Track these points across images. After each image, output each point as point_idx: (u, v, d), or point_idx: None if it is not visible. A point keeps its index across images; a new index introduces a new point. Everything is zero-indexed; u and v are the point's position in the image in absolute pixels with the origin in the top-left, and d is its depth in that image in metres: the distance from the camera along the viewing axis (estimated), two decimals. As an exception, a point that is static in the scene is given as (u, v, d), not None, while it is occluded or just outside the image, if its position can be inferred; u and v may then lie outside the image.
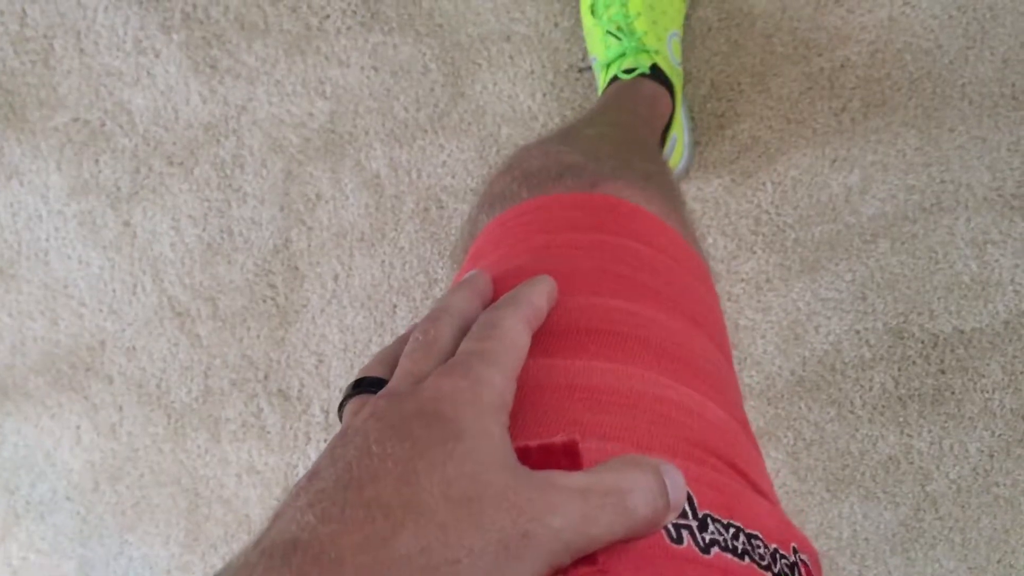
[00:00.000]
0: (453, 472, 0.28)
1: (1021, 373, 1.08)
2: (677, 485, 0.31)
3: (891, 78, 1.03)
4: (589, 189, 0.51)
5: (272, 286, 1.20)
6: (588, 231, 0.48)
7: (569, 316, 0.41)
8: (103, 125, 1.17)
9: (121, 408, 1.26)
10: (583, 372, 0.37)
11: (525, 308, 0.37)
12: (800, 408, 1.14)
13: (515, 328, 0.35)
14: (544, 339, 0.39)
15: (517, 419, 0.34)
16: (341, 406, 0.37)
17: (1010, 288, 1.06)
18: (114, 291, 1.22)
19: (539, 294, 0.38)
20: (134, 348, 1.24)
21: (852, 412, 1.13)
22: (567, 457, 0.31)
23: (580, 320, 0.40)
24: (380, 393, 0.33)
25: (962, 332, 1.09)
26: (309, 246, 1.18)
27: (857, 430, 1.13)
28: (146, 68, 1.15)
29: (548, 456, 0.31)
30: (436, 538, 0.26)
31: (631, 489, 0.29)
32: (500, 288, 0.44)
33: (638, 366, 0.39)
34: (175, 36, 1.14)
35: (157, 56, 1.15)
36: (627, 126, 0.86)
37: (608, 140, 0.74)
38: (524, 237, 0.49)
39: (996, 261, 1.06)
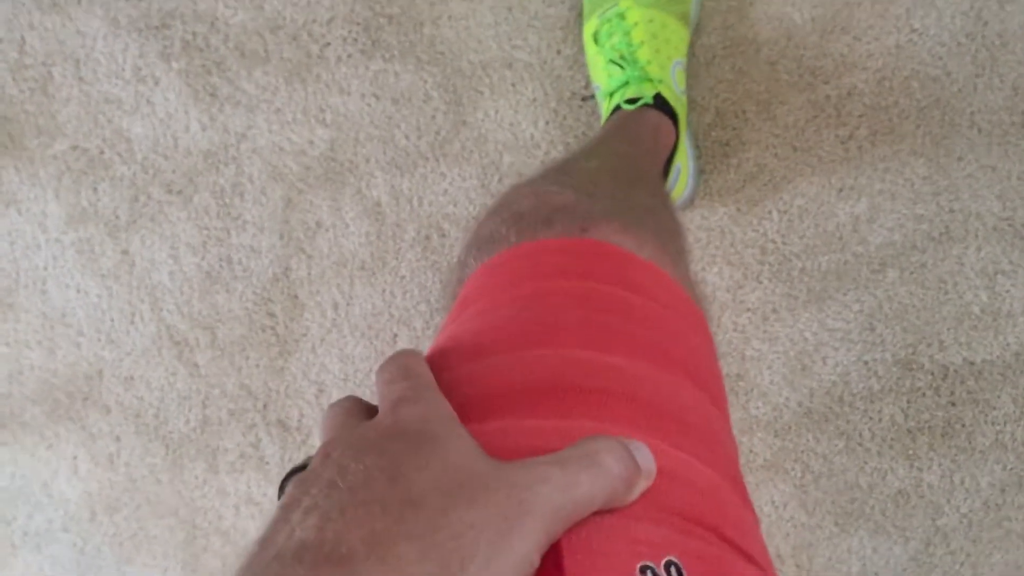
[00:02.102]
0: (438, 467, 0.29)
1: (1033, 405, 1.06)
2: (644, 454, 0.33)
3: (899, 106, 1.02)
4: (579, 234, 0.50)
5: (271, 315, 1.19)
6: (577, 278, 0.46)
7: (553, 372, 0.40)
8: (102, 153, 1.16)
9: (119, 438, 1.25)
10: (559, 433, 0.35)
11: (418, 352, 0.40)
12: (808, 440, 1.12)
13: (425, 367, 0.38)
14: (526, 397, 0.38)
15: None
16: (281, 487, 0.35)
17: (1021, 319, 1.04)
18: (112, 320, 1.21)
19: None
20: (132, 377, 1.23)
21: (861, 444, 1.10)
22: None
23: (564, 376, 0.39)
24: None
25: (972, 364, 1.07)
26: (309, 275, 1.17)
27: (866, 463, 1.11)
28: (145, 96, 1.14)
29: None
30: (438, 521, 0.27)
31: (599, 450, 0.31)
32: (482, 340, 0.43)
33: (624, 427, 0.37)
34: (175, 64, 1.13)
35: (156, 84, 1.14)
36: (629, 157, 0.84)
37: (608, 173, 0.72)
38: (510, 285, 0.47)
39: (1007, 291, 1.04)
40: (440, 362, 0.42)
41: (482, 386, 0.39)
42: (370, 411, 0.37)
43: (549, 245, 0.49)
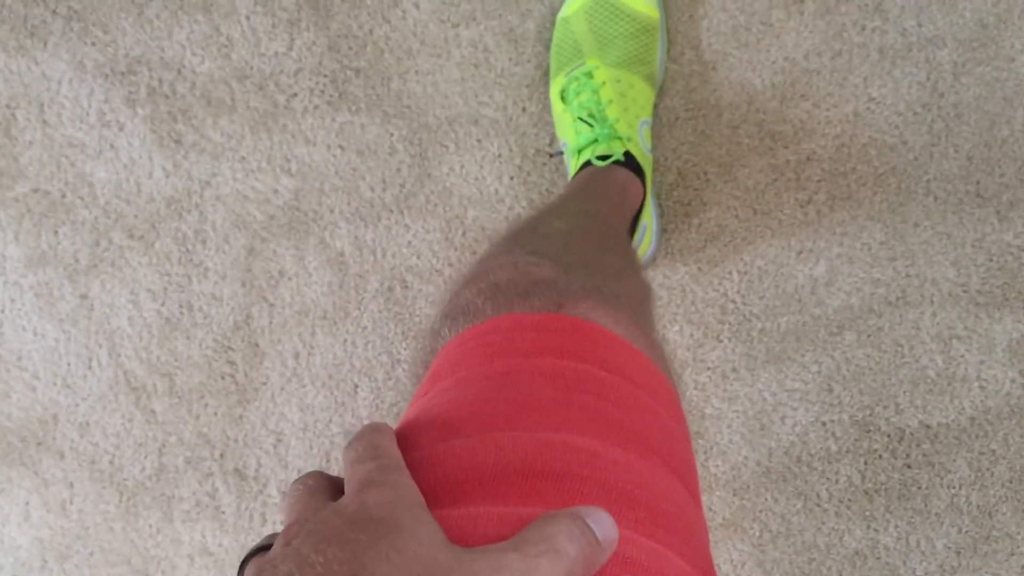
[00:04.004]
0: (400, 560, 0.29)
1: (987, 470, 1.07)
2: (602, 523, 0.33)
3: (856, 172, 1.03)
4: (555, 309, 0.49)
5: (231, 363, 1.18)
6: (552, 356, 0.46)
7: (524, 456, 0.39)
8: (63, 197, 1.15)
9: (72, 484, 1.23)
10: (527, 521, 0.35)
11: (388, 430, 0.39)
12: (766, 500, 1.12)
13: (394, 446, 0.37)
14: (498, 482, 0.38)
15: None
16: (241, 568, 0.35)
17: (976, 384, 1.06)
18: (69, 364, 1.19)
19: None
20: (87, 423, 1.21)
21: (818, 505, 1.11)
22: None
23: (536, 462, 0.39)
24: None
25: (928, 427, 1.07)
26: (270, 323, 1.16)
27: (823, 523, 1.11)
28: (109, 141, 1.14)
29: None
30: None
31: (556, 533, 0.31)
32: (453, 417, 0.42)
33: None
34: (140, 110, 1.13)
35: (121, 129, 1.13)
36: (599, 215, 0.85)
37: (580, 234, 0.72)
38: (484, 360, 0.47)
39: (962, 356, 1.05)
40: (411, 438, 0.42)
41: (452, 467, 0.38)
42: (334, 488, 0.37)
43: (525, 320, 0.49)
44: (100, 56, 1.12)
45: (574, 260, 0.59)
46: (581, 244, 0.68)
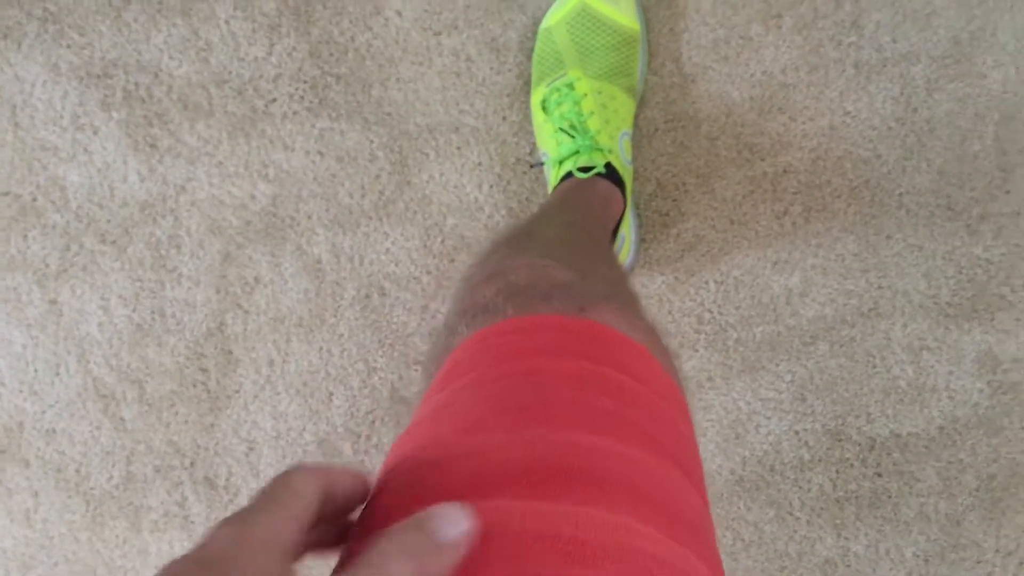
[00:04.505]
0: None
1: (955, 478, 1.09)
2: (447, 521, 0.33)
3: (831, 185, 1.05)
4: (577, 313, 0.50)
5: (204, 370, 1.16)
6: (573, 358, 0.46)
7: (552, 454, 0.39)
8: (34, 200, 1.13)
9: (37, 493, 1.20)
10: (567, 519, 0.35)
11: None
12: (739, 508, 1.13)
13: (296, 485, 0.36)
14: (526, 477, 0.37)
15: (496, 568, 0.33)
16: None
17: (945, 394, 1.08)
18: (36, 371, 1.17)
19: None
20: (54, 431, 1.19)
21: (791, 514, 1.12)
22: None
23: (564, 459, 0.39)
24: None
25: (899, 436, 1.09)
26: (245, 330, 1.15)
27: (795, 532, 1.13)
28: (83, 144, 1.12)
29: None
30: None
31: (388, 554, 0.31)
32: (478, 414, 0.42)
33: (623, 515, 0.37)
34: (115, 114, 1.11)
35: (95, 133, 1.12)
36: (585, 227, 0.86)
37: (572, 244, 0.73)
38: (505, 359, 0.47)
39: (931, 367, 1.08)
40: (433, 434, 0.42)
41: (480, 462, 0.38)
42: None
43: (546, 321, 0.49)
44: (75, 58, 1.11)
45: (578, 268, 0.60)
46: (576, 253, 0.69)
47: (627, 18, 1.01)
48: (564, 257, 0.65)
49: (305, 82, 1.09)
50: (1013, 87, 1.02)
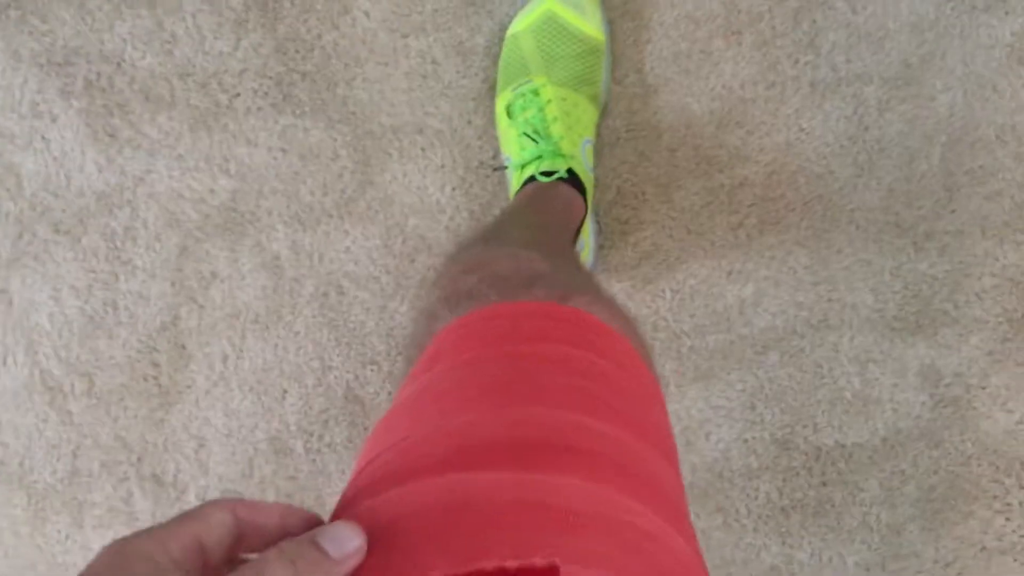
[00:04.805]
0: None
1: (897, 489, 1.12)
2: (340, 538, 0.33)
3: (785, 198, 1.08)
4: (560, 301, 0.51)
5: (155, 364, 1.15)
6: (557, 343, 0.47)
7: (545, 430, 0.40)
8: (-13, 186, 1.11)
9: (-24, 487, 1.18)
10: (559, 491, 0.36)
11: None
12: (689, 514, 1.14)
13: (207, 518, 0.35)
14: (520, 452, 0.38)
15: (488, 537, 0.33)
16: None
17: (889, 406, 1.11)
18: (-19, 361, 1.15)
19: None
20: (-2, 423, 1.16)
21: (738, 521, 1.14)
22: None
23: (552, 435, 0.40)
24: None
25: (843, 446, 1.12)
26: (199, 325, 1.14)
27: (742, 539, 1.14)
28: (40, 132, 1.11)
29: None
30: None
31: (263, 569, 0.31)
32: (464, 393, 0.43)
33: (611, 489, 0.38)
34: (75, 103, 1.10)
35: (54, 121, 1.11)
36: (548, 229, 0.87)
37: (539, 244, 0.74)
38: (490, 342, 0.48)
39: (877, 379, 1.11)
40: (419, 413, 0.42)
41: (467, 436, 0.39)
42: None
43: (530, 308, 0.50)
44: (36, 45, 1.10)
45: (553, 264, 0.61)
46: (547, 253, 0.70)
47: (593, 28, 1.03)
48: (542, 253, 0.66)
49: (270, 78, 1.10)
50: (960, 111, 1.06)
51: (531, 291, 0.52)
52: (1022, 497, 1.11)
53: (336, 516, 0.38)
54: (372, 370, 1.14)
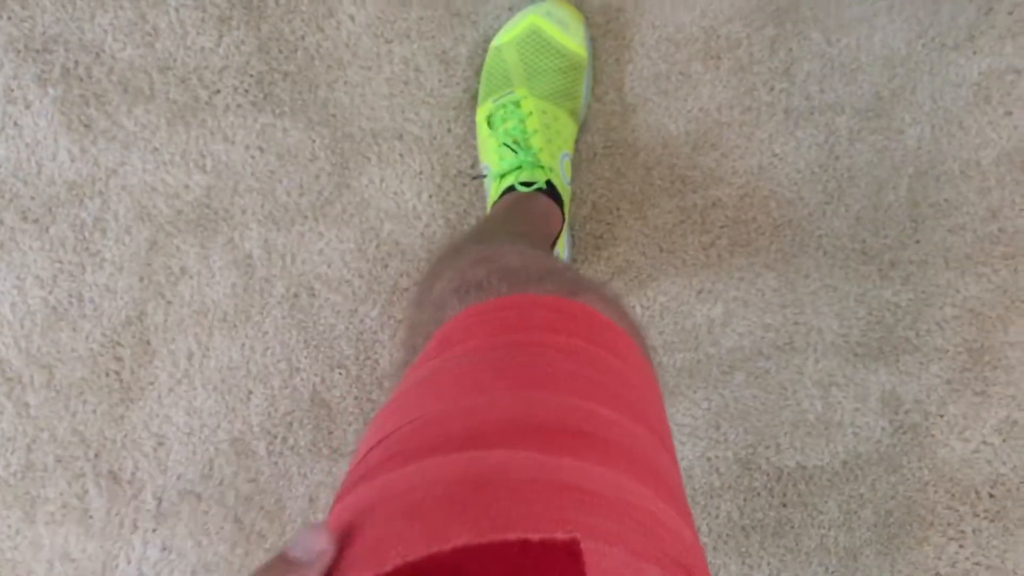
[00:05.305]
0: None
1: (855, 513, 1.14)
2: (306, 544, 0.33)
3: (756, 221, 1.10)
4: (569, 296, 0.52)
5: (118, 359, 1.13)
6: (566, 335, 0.48)
7: (558, 414, 0.40)
8: (-44, 170, 1.09)
9: (-76, 478, 1.14)
10: (575, 472, 0.36)
11: None
12: (648, 531, 1.15)
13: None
14: (535, 433, 0.39)
15: (509, 510, 0.33)
16: None
17: (850, 430, 1.13)
18: (-62, 348, 1.12)
19: None
20: (-49, 412, 1.14)
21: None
22: (569, 556, 0.31)
23: (568, 419, 0.40)
24: None
25: (804, 468, 1.14)
26: (165, 321, 1.13)
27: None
28: (13, 118, 1.09)
29: (549, 552, 0.31)
30: None
31: None
32: (476, 378, 0.43)
33: (624, 475, 0.38)
34: (51, 90, 1.09)
35: (28, 107, 1.09)
36: (530, 237, 0.88)
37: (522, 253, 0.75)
38: (501, 331, 0.48)
39: (839, 403, 1.12)
40: (430, 394, 0.42)
41: (481, 417, 0.39)
42: None
43: (539, 300, 0.51)
44: (15, 31, 1.08)
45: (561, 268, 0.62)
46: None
47: (576, 44, 1.04)
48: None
49: (251, 76, 1.09)
50: (927, 144, 1.09)
51: (542, 285, 0.53)
52: (976, 525, 1.13)
53: (346, 492, 0.38)
54: (340, 374, 1.13)
